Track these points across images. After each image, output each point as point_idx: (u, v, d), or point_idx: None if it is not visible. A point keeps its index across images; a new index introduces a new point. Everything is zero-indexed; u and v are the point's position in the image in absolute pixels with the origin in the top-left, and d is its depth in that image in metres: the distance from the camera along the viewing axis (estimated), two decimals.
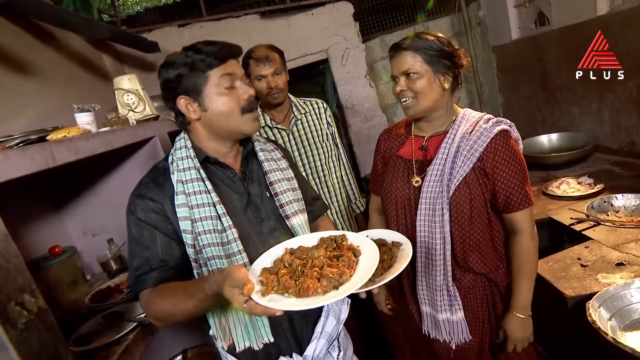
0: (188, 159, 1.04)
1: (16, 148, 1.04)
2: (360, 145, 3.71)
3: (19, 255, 0.91)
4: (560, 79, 2.92)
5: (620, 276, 1.35)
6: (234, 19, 3.29)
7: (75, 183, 1.80)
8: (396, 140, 1.39)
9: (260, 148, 1.17)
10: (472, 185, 1.20)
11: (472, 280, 1.30)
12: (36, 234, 1.67)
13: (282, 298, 0.84)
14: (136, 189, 1.06)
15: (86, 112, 1.45)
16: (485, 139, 1.18)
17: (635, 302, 1.23)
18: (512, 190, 1.20)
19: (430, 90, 1.20)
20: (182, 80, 1.00)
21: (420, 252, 1.28)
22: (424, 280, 1.31)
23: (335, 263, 0.90)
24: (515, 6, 3.31)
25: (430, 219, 1.23)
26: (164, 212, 1.01)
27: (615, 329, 1.16)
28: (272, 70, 1.73)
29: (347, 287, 0.81)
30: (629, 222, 1.77)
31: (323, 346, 1.12)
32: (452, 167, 1.19)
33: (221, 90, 1.01)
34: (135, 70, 3.04)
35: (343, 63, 3.53)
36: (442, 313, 1.28)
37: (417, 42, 1.19)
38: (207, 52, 0.99)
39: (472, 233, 1.24)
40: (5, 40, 1.83)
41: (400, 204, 1.32)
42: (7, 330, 0.84)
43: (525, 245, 1.25)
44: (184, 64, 0.99)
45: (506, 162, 1.18)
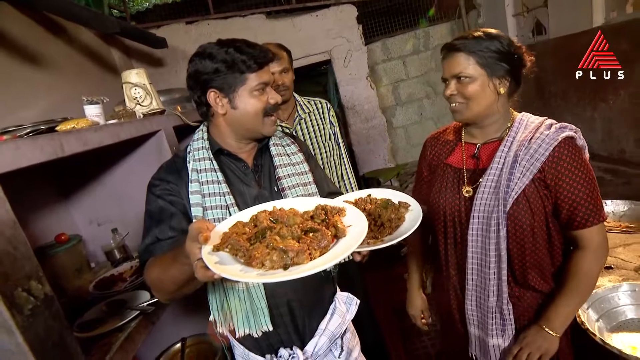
0: (203, 149, 1.06)
1: (26, 138, 1.03)
2: (359, 145, 3.70)
3: (26, 243, 0.90)
4: (555, 86, 2.92)
5: (609, 279, 1.35)
6: (241, 18, 3.26)
7: (83, 173, 1.79)
8: (444, 147, 1.25)
9: (273, 143, 1.16)
10: (532, 198, 1.04)
11: (532, 298, 1.14)
12: (43, 221, 1.66)
13: (231, 260, 0.73)
14: (157, 172, 1.08)
15: (95, 104, 1.44)
16: (547, 146, 1.02)
17: (622, 305, 1.23)
18: (578, 205, 1.02)
19: (482, 95, 1.06)
20: (218, 75, 1.01)
21: (472, 269, 1.13)
22: (474, 300, 1.15)
23: (305, 238, 0.76)
24: (513, 15, 3.31)
25: (484, 234, 1.08)
26: (179, 195, 1.03)
27: (602, 330, 1.17)
28: (280, 68, 1.72)
29: (296, 270, 0.67)
30: (617, 227, 1.77)
31: (324, 344, 1.11)
32: (510, 178, 1.04)
33: (254, 93, 1.02)
34: (143, 65, 3.02)
35: (345, 64, 3.51)
36: (493, 338, 1.13)
37: (472, 42, 1.05)
38: (250, 54, 1.00)
39: (533, 250, 1.08)
40: (18, 32, 1.82)
41: (449, 215, 1.17)
42: (14, 315, 0.84)
43: (588, 263, 1.06)
44: (223, 60, 0.99)
45: (571, 173, 1.02)
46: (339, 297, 1.22)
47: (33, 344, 0.86)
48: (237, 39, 1.04)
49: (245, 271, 0.69)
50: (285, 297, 1.07)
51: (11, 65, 1.76)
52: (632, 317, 1.22)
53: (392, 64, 4.02)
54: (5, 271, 0.83)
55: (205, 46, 1.03)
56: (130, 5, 3.69)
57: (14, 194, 0.94)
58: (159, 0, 3.75)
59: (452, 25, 3.96)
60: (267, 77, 1.04)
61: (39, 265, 0.92)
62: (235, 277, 0.66)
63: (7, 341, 0.85)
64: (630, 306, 1.22)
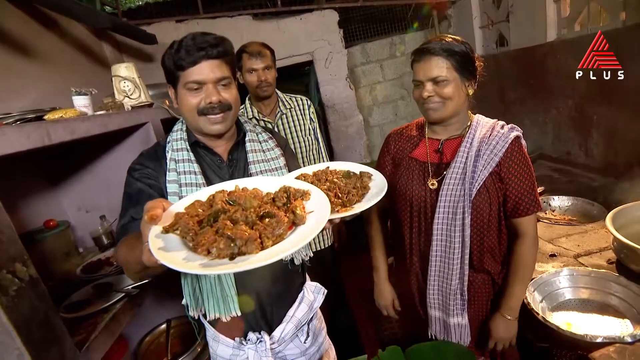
0: (182, 140, 1.02)
1: (13, 125, 0.98)
2: (338, 141, 3.71)
3: (11, 227, 0.86)
4: (515, 93, 3.00)
5: (552, 265, 1.42)
6: (229, 18, 3.19)
7: (72, 162, 1.73)
8: (408, 142, 1.25)
9: (250, 138, 1.09)
10: (491, 188, 1.09)
11: (482, 281, 1.19)
12: (32, 208, 1.60)
13: (179, 244, 0.63)
14: (138, 158, 1.03)
15: (83, 95, 1.39)
16: (504, 143, 1.07)
17: (562, 287, 1.30)
18: (522, 196, 1.09)
19: (457, 96, 1.08)
20: (165, 70, 0.97)
21: (436, 255, 1.14)
22: (436, 285, 1.17)
23: (259, 224, 0.65)
24: (480, 27, 3.37)
25: (449, 222, 1.10)
26: (158, 181, 0.99)
27: (545, 309, 1.23)
28: (263, 65, 1.70)
29: (242, 262, 0.58)
30: (562, 219, 1.85)
31: (290, 330, 1.08)
32: (474, 170, 1.08)
33: (187, 91, 0.95)
34: (134, 60, 2.92)
35: (326, 65, 3.49)
36: (453, 317, 1.15)
37: (447, 46, 1.05)
38: (186, 49, 0.91)
39: (488, 236, 1.13)
40: (11, 24, 1.73)
41: (415, 206, 1.18)
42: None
43: (527, 250, 1.12)
44: (169, 56, 0.94)
45: (519, 168, 1.08)
46: (308, 287, 1.18)
47: (18, 323, 0.84)
48: (200, 32, 0.94)
49: (188, 259, 0.59)
50: (253, 286, 1.04)
51: (3, 57, 1.67)
52: (569, 297, 1.28)
53: (370, 67, 4.03)
54: None
55: (175, 40, 0.96)
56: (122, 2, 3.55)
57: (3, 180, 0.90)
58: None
59: (426, 34, 4.00)
60: (201, 76, 0.93)
61: (24, 248, 0.89)
62: (175, 266, 0.56)
63: None
64: (569, 288, 1.29)
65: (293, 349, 1.12)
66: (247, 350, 1.05)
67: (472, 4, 3.32)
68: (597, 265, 1.37)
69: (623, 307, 1.18)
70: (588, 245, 1.52)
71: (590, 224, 1.68)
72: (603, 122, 2.21)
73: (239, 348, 1.06)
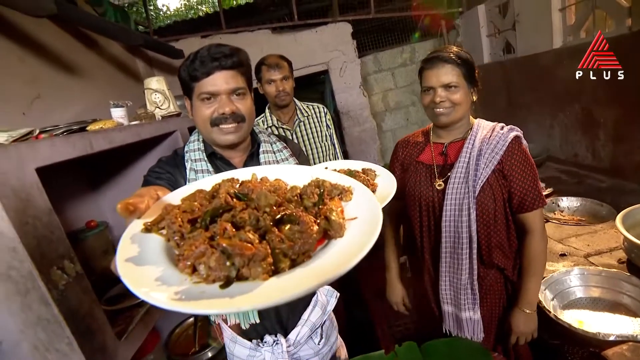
0: (199, 151, 0.97)
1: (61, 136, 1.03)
2: (352, 146, 3.70)
3: (60, 227, 0.90)
4: (521, 98, 2.93)
5: (563, 265, 1.37)
6: (249, 32, 3.24)
7: (110, 168, 1.78)
8: (415, 147, 1.26)
9: (263, 150, 1.02)
10: (494, 186, 1.09)
11: (494, 278, 1.17)
12: (76, 209, 1.66)
13: (159, 251, 0.44)
14: (157, 163, 0.99)
15: (120, 107, 1.44)
16: (504, 142, 1.08)
17: (573, 286, 1.26)
18: (527, 192, 1.08)
19: (465, 101, 1.09)
20: (182, 82, 0.93)
21: (445, 252, 1.14)
22: (447, 280, 1.16)
23: (273, 232, 0.43)
24: (487, 35, 3.31)
25: (456, 219, 1.10)
26: (175, 186, 0.90)
27: (556, 307, 1.19)
28: (281, 76, 1.71)
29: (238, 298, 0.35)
30: (570, 220, 1.80)
31: (305, 333, 1.06)
32: (476, 168, 1.09)
33: (201, 102, 0.89)
34: (163, 73, 3.00)
35: (341, 74, 3.50)
36: (465, 312, 1.14)
37: (457, 55, 1.07)
38: (200, 60, 0.86)
39: (495, 231, 1.12)
40: (58, 44, 1.82)
41: (424, 206, 1.19)
42: (50, 290, 0.84)
43: (536, 244, 1.11)
44: (184, 68, 0.89)
45: (521, 165, 1.09)
46: (321, 290, 1.14)
47: (66, 314, 0.87)
48: (215, 44, 0.89)
49: (163, 281, 0.39)
50: None
51: (52, 74, 1.75)
52: (580, 296, 1.24)
53: (382, 75, 4.01)
54: (43, 252, 0.84)
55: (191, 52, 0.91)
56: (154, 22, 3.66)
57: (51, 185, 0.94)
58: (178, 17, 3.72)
59: (435, 43, 3.96)
60: (215, 87, 0.87)
61: (71, 247, 0.92)
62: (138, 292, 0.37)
63: (45, 312, 0.85)
64: (580, 287, 1.25)
65: (307, 350, 1.10)
66: (263, 352, 1.03)
67: (479, 13, 3.27)
68: (607, 264, 1.32)
69: (635, 306, 1.13)
70: (598, 245, 1.46)
71: (600, 225, 1.63)
72: (610, 125, 2.13)
73: (255, 350, 1.04)
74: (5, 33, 1.52)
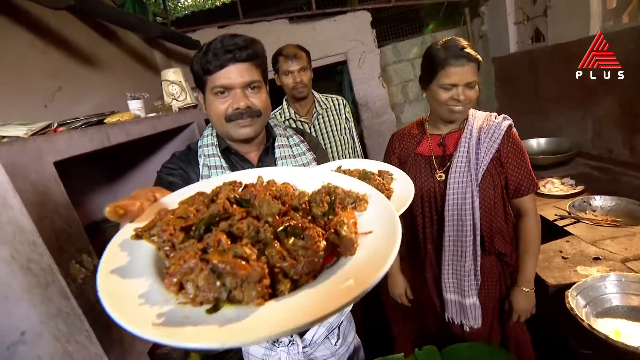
0: (212, 146, 0.94)
1: (79, 129, 1.03)
2: (370, 138, 3.63)
3: (78, 222, 0.90)
4: (550, 90, 2.77)
5: (597, 269, 1.29)
6: (266, 22, 3.19)
7: (128, 159, 1.80)
8: (411, 140, 1.28)
9: (279, 144, 0.99)
10: (493, 173, 1.14)
11: (492, 264, 1.22)
12: (96, 200, 1.68)
13: (147, 262, 0.40)
14: (170, 159, 0.97)
15: (137, 99, 1.43)
16: (500, 131, 1.13)
17: (608, 293, 1.18)
18: (522, 177, 1.15)
19: (475, 98, 1.13)
20: (194, 75, 0.89)
21: (448, 241, 1.18)
22: (450, 268, 1.20)
23: (274, 247, 0.38)
24: (514, 23, 3.14)
25: (459, 207, 1.14)
26: (187, 182, 0.88)
27: (589, 315, 1.12)
28: (298, 67, 1.66)
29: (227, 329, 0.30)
30: (604, 220, 1.69)
31: (322, 333, 1.05)
32: (477, 157, 1.12)
33: (214, 95, 0.86)
34: (180, 65, 3.00)
35: (359, 65, 3.41)
36: (469, 298, 1.19)
37: (474, 53, 1.08)
38: (213, 52, 0.82)
39: (496, 217, 1.17)
40: (77, 37, 1.83)
41: (425, 197, 1.22)
42: (69, 283, 0.85)
43: (532, 226, 1.18)
44: (197, 60, 0.85)
45: (516, 152, 1.14)
46: None
47: (85, 307, 0.88)
48: (229, 34, 0.85)
49: (146, 299, 0.34)
50: None
51: (72, 66, 1.77)
52: (617, 304, 1.16)
53: (401, 66, 3.89)
54: (61, 246, 0.84)
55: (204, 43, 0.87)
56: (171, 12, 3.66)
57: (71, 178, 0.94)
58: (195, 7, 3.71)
59: (457, 32, 3.79)
60: (229, 80, 0.83)
61: (89, 240, 0.93)
62: (115, 314, 0.33)
63: (64, 305, 0.86)
64: (617, 295, 1.17)
65: (324, 350, 1.08)
66: (279, 352, 1.02)
67: (507, 0, 3.10)
68: None
69: None
70: (637, 249, 1.36)
71: (639, 226, 1.52)
72: None
73: (271, 349, 1.03)
74: (28, 26, 1.54)
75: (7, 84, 1.38)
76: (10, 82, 1.40)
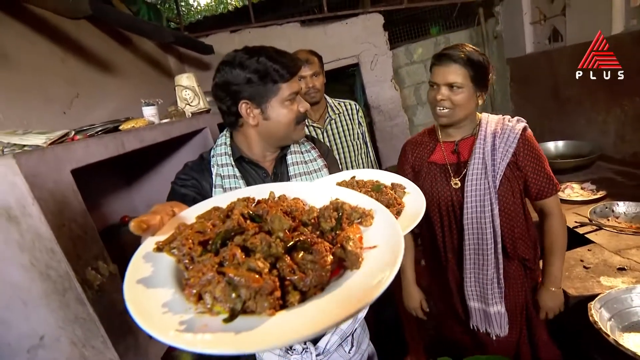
0: (226, 155, 0.96)
1: (95, 137, 1.04)
2: (383, 141, 3.60)
3: (94, 228, 0.92)
4: (570, 91, 2.70)
5: (622, 280, 1.24)
6: (278, 26, 3.21)
7: (143, 165, 1.83)
8: (424, 148, 1.25)
9: (292, 151, 1.02)
10: (511, 177, 1.12)
11: (516, 270, 1.19)
12: (111, 204, 1.71)
13: (168, 274, 0.43)
14: (183, 169, 0.98)
15: (151, 105, 1.45)
16: (515, 135, 1.10)
17: (635, 306, 1.13)
18: (542, 180, 1.13)
19: (467, 103, 1.09)
20: (251, 86, 0.87)
21: (469, 249, 1.15)
22: (472, 276, 1.17)
23: (285, 262, 0.41)
24: (531, 23, 3.07)
25: (478, 215, 1.11)
26: (201, 192, 0.92)
27: (614, 329, 1.07)
28: (311, 72, 1.66)
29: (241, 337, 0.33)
30: (628, 228, 1.63)
31: (335, 341, 1.03)
32: (493, 162, 1.10)
33: (286, 103, 0.90)
34: (193, 69, 3.04)
35: (372, 67, 3.39)
36: (493, 306, 1.16)
37: (468, 55, 1.05)
38: (282, 63, 0.86)
39: (517, 222, 1.15)
40: (93, 43, 1.88)
41: (443, 206, 1.19)
42: (86, 290, 0.86)
43: (557, 226, 1.16)
44: (256, 70, 0.85)
45: (533, 155, 1.12)
46: None
47: (101, 313, 0.89)
48: (266, 46, 0.89)
49: (169, 307, 0.37)
50: None
51: (89, 73, 1.82)
52: None
53: (414, 68, 3.86)
54: (78, 253, 0.86)
55: (234, 54, 0.88)
56: (185, 18, 3.72)
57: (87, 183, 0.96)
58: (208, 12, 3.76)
59: (471, 32, 3.73)
60: (298, 86, 0.92)
61: (104, 247, 0.94)
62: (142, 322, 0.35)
63: (81, 311, 0.88)
64: None
65: (337, 358, 1.07)
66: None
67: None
68: None
69: None
70: None
71: None
72: None
73: (284, 357, 1.02)
74: (48, 36, 1.58)
75: (28, 91, 1.42)
76: (32, 90, 1.44)
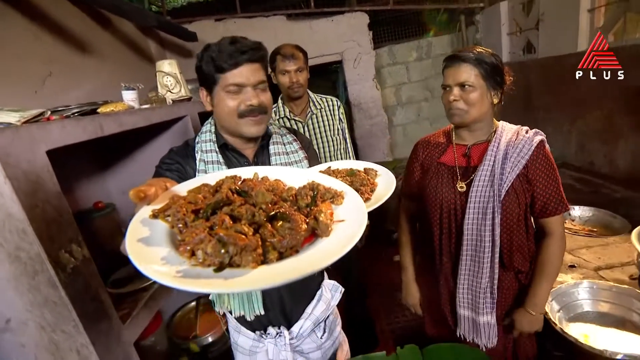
0: (210, 142, 0.98)
1: (72, 118, 1.02)
2: (362, 139, 3.67)
3: (69, 211, 0.90)
4: (540, 100, 2.86)
5: (572, 277, 1.35)
6: (264, 18, 3.19)
7: (119, 149, 1.78)
8: (436, 148, 1.23)
9: (274, 141, 1.04)
10: (518, 190, 1.07)
11: (510, 281, 1.16)
12: (84, 189, 1.66)
13: (164, 237, 0.50)
14: (167, 154, 1.00)
15: (131, 90, 1.42)
16: (530, 147, 1.06)
17: (580, 299, 1.24)
18: (550, 197, 1.08)
19: (481, 103, 1.07)
20: (202, 73, 0.92)
21: (466, 255, 1.13)
22: (466, 284, 1.15)
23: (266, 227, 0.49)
24: (508, 33, 3.22)
25: (479, 222, 1.09)
26: (184, 177, 0.93)
27: (562, 319, 1.18)
28: (295, 67, 1.68)
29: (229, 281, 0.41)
30: (581, 230, 1.77)
31: (308, 327, 1.06)
32: (502, 172, 1.07)
33: (226, 93, 0.91)
34: (175, 56, 2.97)
35: (355, 66, 3.44)
36: (483, 316, 1.13)
37: (477, 55, 1.05)
38: (227, 53, 0.87)
39: (517, 234, 1.11)
40: (71, 23, 1.81)
41: (445, 208, 1.16)
42: (58, 273, 0.85)
43: (555, 248, 1.10)
44: (207, 58, 0.90)
45: (545, 170, 1.07)
46: (326, 285, 1.15)
47: (73, 297, 0.88)
48: (236, 36, 0.90)
49: (167, 261, 0.45)
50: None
51: (65, 52, 1.75)
52: (588, 309, 1.22)
53: (396, 68, 3.94)
54: (51, 235, 0.84)
55: (209, 43, 0.91)
56: (167, 2, 3.61)
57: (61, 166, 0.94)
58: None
59: (452, 38, 3.86)
60: (242, 79, 0.89)
61: (79, 230, 0.93)
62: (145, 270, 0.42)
63: (52, 294, 0.86)
64: (588, 301, 1.23)
65: (310, 343, 1.11)
66: (266, 344, 1.04)
67: (502, 10, 3.17)
68: (618, 279, 1.30)
69: None
70: (609, 258, 1.43)
71: (612, 237, 1.59)
72: (632, 134, 2.07)
73: (259, 341, 1.06)
74: (22, 10, 1.50)
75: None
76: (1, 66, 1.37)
